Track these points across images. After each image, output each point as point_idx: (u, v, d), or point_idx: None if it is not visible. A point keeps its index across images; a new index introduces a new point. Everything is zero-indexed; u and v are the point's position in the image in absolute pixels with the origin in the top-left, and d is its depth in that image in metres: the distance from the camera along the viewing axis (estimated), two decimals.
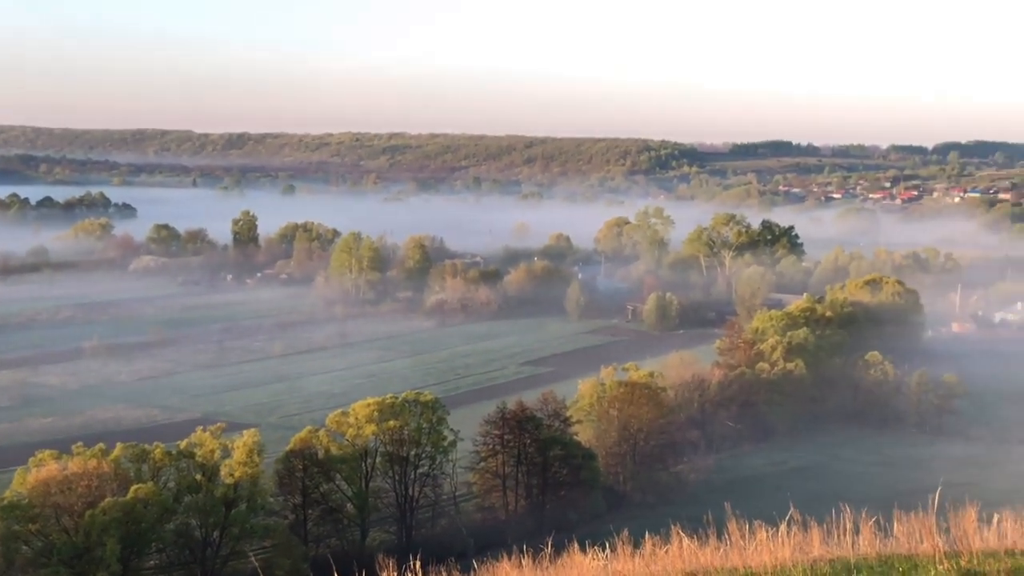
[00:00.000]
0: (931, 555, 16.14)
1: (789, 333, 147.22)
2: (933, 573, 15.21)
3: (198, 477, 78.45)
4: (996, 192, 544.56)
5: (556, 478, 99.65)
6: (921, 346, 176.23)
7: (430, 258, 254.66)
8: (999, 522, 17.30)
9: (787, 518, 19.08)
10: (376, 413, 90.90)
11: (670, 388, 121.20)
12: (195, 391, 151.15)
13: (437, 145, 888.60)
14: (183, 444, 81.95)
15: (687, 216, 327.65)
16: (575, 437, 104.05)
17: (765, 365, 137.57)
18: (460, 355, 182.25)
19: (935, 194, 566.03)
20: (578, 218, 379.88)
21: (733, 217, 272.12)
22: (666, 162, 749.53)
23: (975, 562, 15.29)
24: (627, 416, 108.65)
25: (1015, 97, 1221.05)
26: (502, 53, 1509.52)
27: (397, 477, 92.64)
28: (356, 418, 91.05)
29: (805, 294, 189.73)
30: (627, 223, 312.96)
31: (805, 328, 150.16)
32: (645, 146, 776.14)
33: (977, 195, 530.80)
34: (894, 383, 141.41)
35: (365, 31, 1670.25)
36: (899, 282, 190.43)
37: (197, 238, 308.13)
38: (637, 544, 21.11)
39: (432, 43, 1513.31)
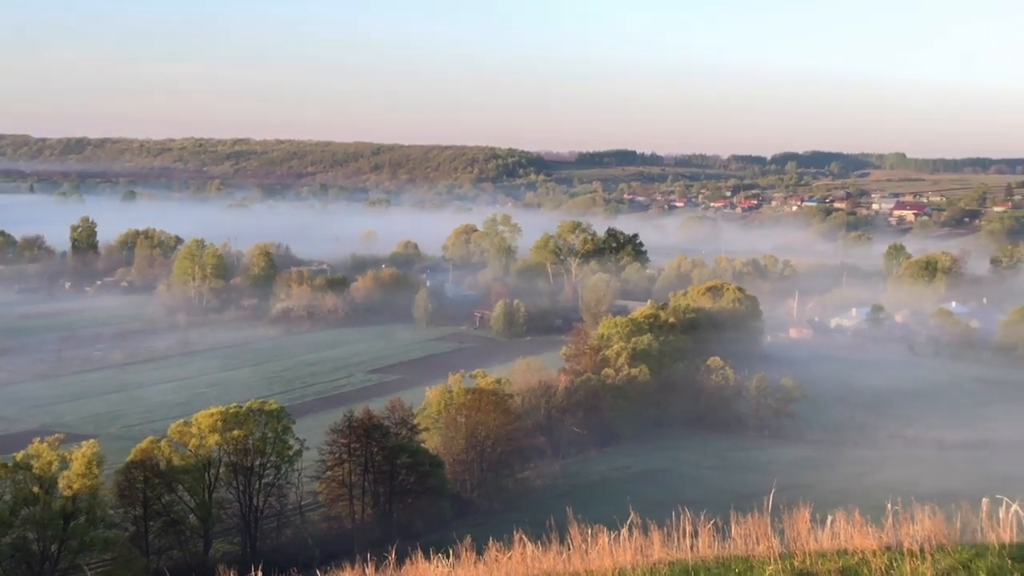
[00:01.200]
0: (767, 556, 16.45)
1: (634, 339, 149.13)
2: (767, 573, 15.50)
3: (35, 489, 75.92)
4: (832, 201, 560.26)
5: (403, 486, 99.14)
6: (760, 351, 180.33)
7: (275, 265, 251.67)
8: (832, 522, 17.69)
9: (628, 522, 19.27)
10: (219, 423, 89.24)
11: (517, 395, 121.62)
12: (32, 401, 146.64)
13: (283, 151, 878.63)
14: (19, 456, 79.05)
15: (534, 224, 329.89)
16: (423, 445, 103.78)
17: (610, 371, 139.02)
18: (306, 363, 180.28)
19: (774, 203, 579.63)
20: (426, 225, 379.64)
21: (579, 225, 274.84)
22: (513, 170, 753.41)
23: (808, 562, 15.64)
24: (474, 423, 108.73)
25: (850, 109, 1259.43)
26: (347, 57, 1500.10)
27: (241, 487, 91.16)
28: (199, 428, 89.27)
29: (649, 300, 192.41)
30: (475, 230, 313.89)
31: (649, 334, 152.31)
32: (493, 154, 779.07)
33: (814, 204, 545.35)
34: (735, 387, 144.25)
35: (210, 34, 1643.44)
36: (739, 289, 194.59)
37: (34, 245, 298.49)
38: (481, 550, 21.16)
39: (277, 48, 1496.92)
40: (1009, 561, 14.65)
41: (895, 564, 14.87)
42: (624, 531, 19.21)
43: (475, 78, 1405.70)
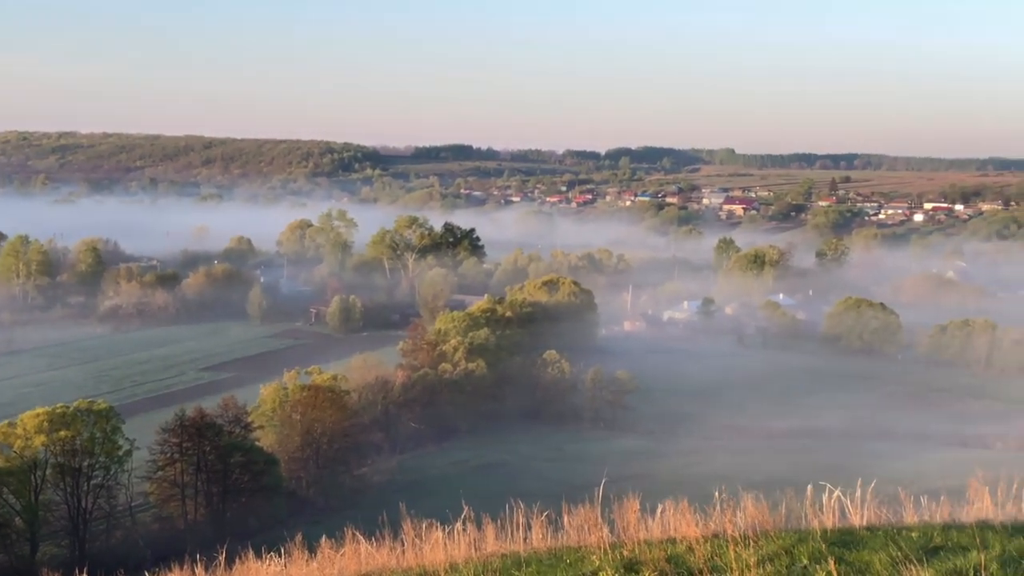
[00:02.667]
0: (597, 546, 16.62)
1: (471, 333, 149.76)
2: (597, 564, 15.66)
3: None
4: (664, 196, 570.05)
5: (237, 485, 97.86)
6: (596, 344, 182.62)
7: (103, 262, 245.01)
8: (662, 512, 17.94)
9: (462, 516, 19.29)
10: (46, 423, 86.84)
11: (354, 391, 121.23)
12: None
13: (110, 145, 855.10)
14: None
15: (371, 218, 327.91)
16: (257, 443, 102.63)
17: (448, 366, 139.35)
18: (136, 362, 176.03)
19: (608, 198, 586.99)
20: (260, 220, 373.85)
21: (416, 220, 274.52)
22: (349, 164, 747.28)
23: (636, 551, 15.83)
24: (310, 420, 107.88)
25: (681, 105, 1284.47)
26: (176, 49, 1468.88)
27: (69, 489, 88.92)
28: (24, 429, 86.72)
29: (486, 295, 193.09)
30: (310, 225, 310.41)
31: (486, 328, 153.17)
32: (328, 148, 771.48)
33: (647, 199, 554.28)
34: (571, 380, 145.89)
35: (34, 26, 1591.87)
36: (575, 282, 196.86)
37: None
38: (314, 548, 20.97)
39: (105, 40, 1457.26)
40: (828, 546, 15.05)
41: (720, 551, 15.16)
42: (458, 525, 19.22)
43: (309, 71, 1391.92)
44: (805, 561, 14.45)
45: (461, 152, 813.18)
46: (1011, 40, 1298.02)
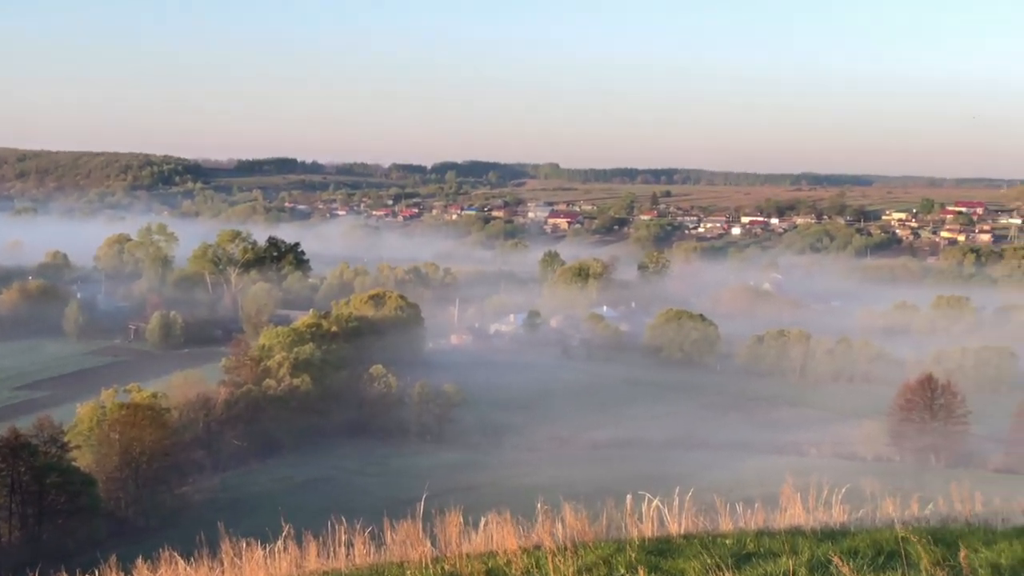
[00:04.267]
0: (419, 561, 16.63)
1: (296, 349, 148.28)
2: None
3: None
4: (490, 210, 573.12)
5: (54, 506, 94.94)
6: (423, 358, 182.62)
7: None
8: (485, 525, 18.04)
9: (284, 533, 19.08)
10: None
11: (175, 408, 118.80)
12: None
13: None
14: None
15: (192, 233, 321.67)
16: (74, 463, 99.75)
17: (272, 382, 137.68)
18: None
19: (434, 211, 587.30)
20: (77, 235, 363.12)
21: (239, 234, 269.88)
22: (169, 178, 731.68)
23: (457, 566, 15.91)
24: (129, 439, 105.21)
25: (506, 119, 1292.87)
26: None
27: None
28: None
29: (311, 310, 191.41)
30: (129, 240, 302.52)
31: (311, 344, 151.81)
32: (147, 161, 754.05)
33: (473, 212, 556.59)
34: (397, 395, 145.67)
35: None
36: (401, 296, 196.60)
37: None
38: (130, 570, 20.50)
39: None
40: (645, 555, 15.35)
41: (539, 563, 15.33)
42: (279, 543, 19.00)
43: (128, 82, 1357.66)
44: (622, 570, 14.72)
45: (285, 165, 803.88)
46: (820, 58, 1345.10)
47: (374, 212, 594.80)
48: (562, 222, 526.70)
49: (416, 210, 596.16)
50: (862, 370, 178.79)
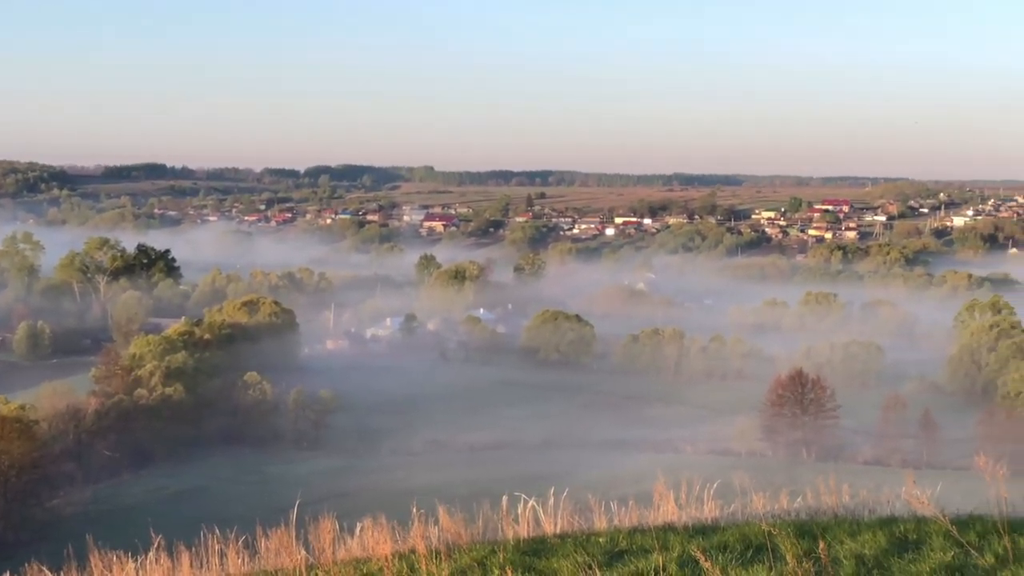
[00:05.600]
0: (293, 569, 16.53)
1: (168, 357, 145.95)
2: None
3: None
4: (365, 214, 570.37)
5: None
6: (298, 364, 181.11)
7: None
8: (360, 531, 17.99)
9: (155, 545, 18.82)
10: None
11: (44, 420, 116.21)
12: None
13: None
14: None
15: (59, 241, 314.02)
16: None
17: (143, 391, 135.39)
18: None
19: (308, 216, 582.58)
20: None
21: (107, 242, 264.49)
22: (35, 185, 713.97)
23: (332, 572, 15.85)
24: None
25: (379, 122, 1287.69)
26: None
27: None
28: None
29: (183, 317, 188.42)
30: None
31: (184, 352, 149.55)
32: (11, 168, 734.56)
33: (348, 217, 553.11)
34: (272, 402, 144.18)
35: None
36: (276, 302, 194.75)
37: None
38: None
39: None
40: (520, 556, 15.45)
41: (413, 567, 15.33)
42: (151, 555, 18.73)
43: None
44: (496, 572, 14.79)
45: (154, 171, 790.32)
46: (689, 61, 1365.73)
47: (246, 217, 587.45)
48: (438, 225, 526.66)
49: (290, 215, 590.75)
50: (735, 367, 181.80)
